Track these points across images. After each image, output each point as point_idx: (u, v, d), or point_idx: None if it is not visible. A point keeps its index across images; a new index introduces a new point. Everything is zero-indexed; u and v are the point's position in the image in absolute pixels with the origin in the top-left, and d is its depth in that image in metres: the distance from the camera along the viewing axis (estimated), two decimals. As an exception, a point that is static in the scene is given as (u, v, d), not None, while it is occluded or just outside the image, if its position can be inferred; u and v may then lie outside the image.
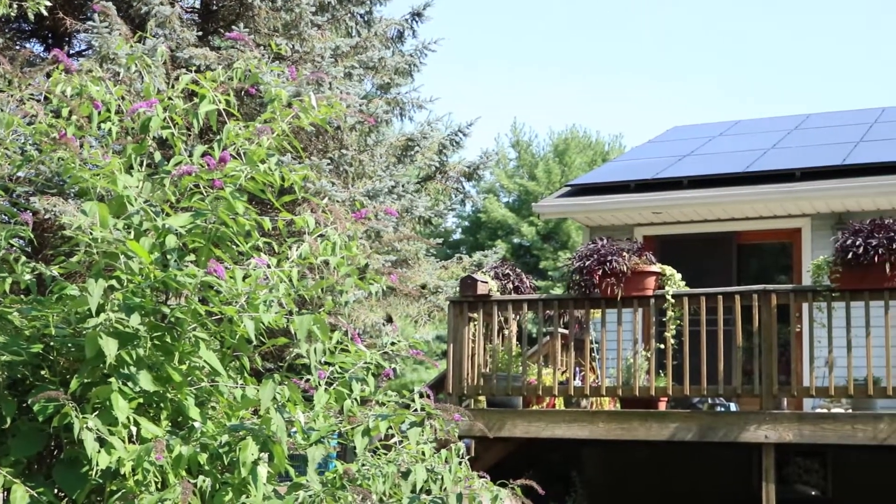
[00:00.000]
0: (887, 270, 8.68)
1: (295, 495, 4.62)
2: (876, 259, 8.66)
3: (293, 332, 4.54)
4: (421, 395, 5.29)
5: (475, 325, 10.31)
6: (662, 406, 9.81)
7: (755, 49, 62.26)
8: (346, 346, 5.08)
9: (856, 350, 9.02)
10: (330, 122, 5.18)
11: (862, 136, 14.54)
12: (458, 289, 10.51)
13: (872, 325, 8.90)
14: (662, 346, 9.70)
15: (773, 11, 60.42)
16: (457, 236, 41.27)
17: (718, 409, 9.99)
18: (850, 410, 9.35)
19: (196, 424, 4.44)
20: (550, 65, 64.53)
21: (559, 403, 10.57)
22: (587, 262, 9.68)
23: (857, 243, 8.74)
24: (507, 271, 10.71)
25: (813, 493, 11.94)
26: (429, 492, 5.22)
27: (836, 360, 9.25)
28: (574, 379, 10.07)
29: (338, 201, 14.23)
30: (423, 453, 5.33)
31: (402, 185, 16.74)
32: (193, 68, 11.23)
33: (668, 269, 9.76)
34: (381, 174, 16.68)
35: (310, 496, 4.69)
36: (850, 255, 8.76)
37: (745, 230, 13.48)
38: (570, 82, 63.64)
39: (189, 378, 4.54)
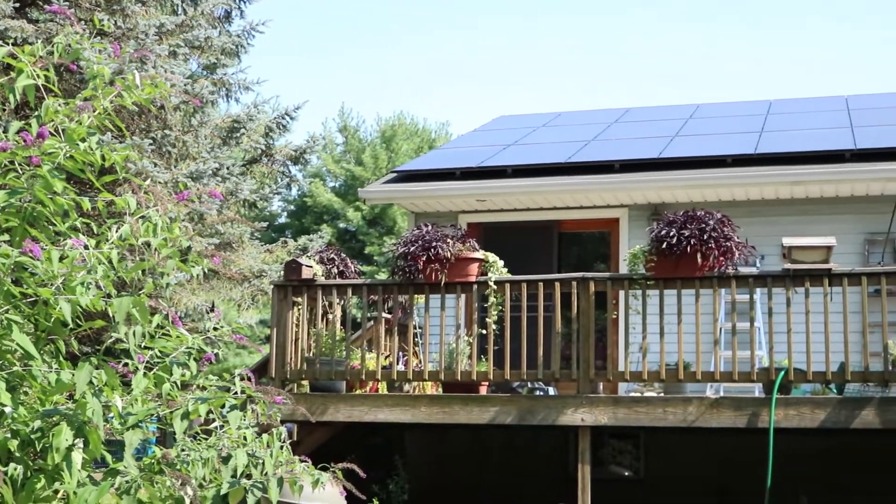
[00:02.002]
0: (699, 260, 9.00)
1: (111, 481, 4.54)
2: (688, 249, 8.97)
3: (112, 315, 4.46)
4: (242, 378, 5.27)
5: (299, 310, 10.27)
6: (484, 390, 9.96)
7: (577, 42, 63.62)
8: (167, 329, 5.02)
9: (668, 336, 9.33)
10: (154, 101, 5.09)
11: (678, 131, 15.05)
12: (282, 273, 10.45)
13: (684, 313, 9.23)
14: (484, 332, 9.84)
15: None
16: (282, 220, 40.91)
17: (538, 393, 10.20)
18: (662, 394, 9.69)
19: (7, 409, 4.32)
20: (379, 51, 64.56)
21: (382, 388, 10.63)
22: (412, 248, 9.74)
23: (672, 234, 9.04)
24: (333, 256, 10.70)
25: (626, 473, 12.34)
26: (249, 476, 5.20)
27: (650, 345, 9.56)
28: (397, 363, 10.13)
29: (160, 182, 13.95)
30: (245, 438, 5.31)
31: (227, 168, 16.51)
32: (10, 41, 10.84)
33: (491, 256, 9.91)
34: (205, 156, 16.42)
35: (127, 482, 4.61)
36: (664, 245, 9.06)
37: (566, 219, 13.79)
38: (399, 69, 63.81)
39: (0, 362, 4.40)
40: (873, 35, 58.51)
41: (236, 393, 5.18)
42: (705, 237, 8.98)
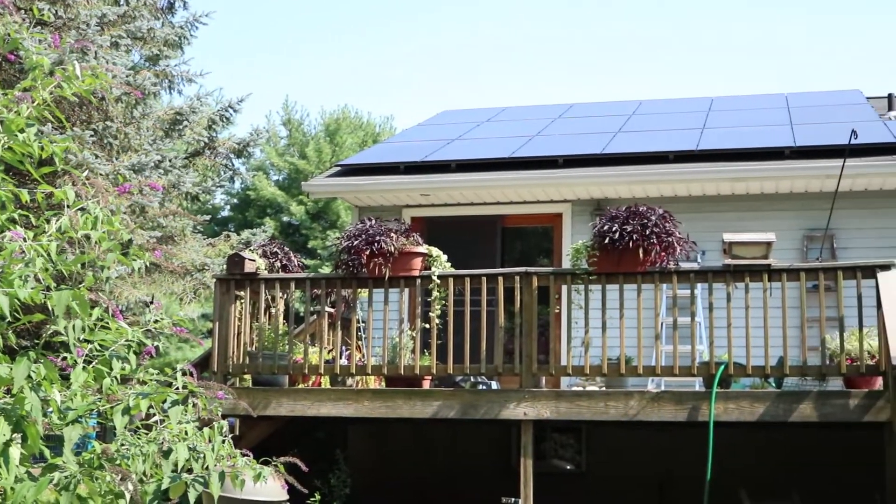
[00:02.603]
0: (641, 255, 9.07)
1: (50, 477, 4.49)
2: (631, 244, 9.03)
3: (51, 309, 4.41)
4: (184, 373, 5.23)
5: (242, 304, 10.22)
6: (427, 384, 9.97)
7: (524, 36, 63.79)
8: (108, 323, 4.97)
9: (610, 331, 9.39)
10: (95, 92, 5.04)
11: (620, 127, 15.15)
12: (225, 266, 10.38)
13: (626, 308, 9.29)
14: (428, 326, 9.85)
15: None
16: (225, 213, 40.64)
17: (481, 387, 10.24)
18: (604, 388, 9.74)
19: (-57, 404, 4.26)
20: (324, 43, 64.31)
21: (325, 382, 10.60)
22: (355, 242, 9.72)
23: (614, 229, 9.09)
24: (276, 249, 10.65)
25: (568, 467, 12.42)
26: (190, 471, 5.17)
27: (592, 340, 9.62)
28: (340, 358, 10.10)
29: (101, 174, 13.80)
30: (186, 432, 5.27)
31: (170, 160, 16.38)
32: (-53, 30, 10.66)
33: (435, 251, 9.92)
34: (147, 148, 16.28)
35: (66, 477, 4.57)
36: (606, 240, 9.11)
37: (510, 214, 13.83)
38: (343, 62, 63.61)
39: (-65, 356, 4.34)
40: (813, 33, 59.30)
41: (178, 388, 5.14)
42: (647, 233, 9.05)
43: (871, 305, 8.91)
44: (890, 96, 15.85)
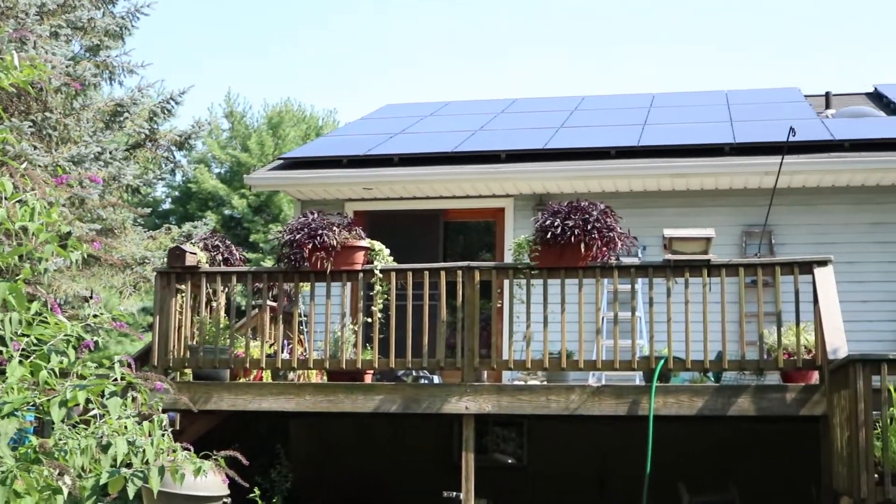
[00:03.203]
0: (582, 250, 9.13)
1: (-15, 471, 4.43)
2: (572, 239, 9.08)
3: (-13, 301, 4.35)
4: (122, 365, 5.18)
5: (183, 297, 10.15)
6: (369, 378, 9.96)
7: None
8: (46, 316, 4.91)
9: (552, 325, 9.44)
10: (33, 83, 4.97)
11: (563, 122, 15.22)
12: (165, 259, 10.30)
13: (567, 302, 9.34)
14: (370, 320, 9.84)
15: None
16: (166, 206, 40.27)
17: (423, 381, 10.25)
18: (546, 382, 9.79)
19: None
20: (267, 36, 63.94)
21: (267, 376, 10.56)
22: (297, 236, 9.69)
23: (556, 224, 9.14)
24: (217, 243, 10.59)
25: (510, 460, 12.47)
26: (130, 465, 5.13)
27: (534, 334, 9.66)
28: (282, 352, 10.07)
29: (40, 166, 13.63)
30: (126, 427, 5.23)
31: (110, 152, 16.21)
32: None
33: (377, 245, 9.91)
34: (87, 139, 16.10)
35: (2, 472, 4.51)
36: (548, 235, 9.15)
37: (453, 208, 13.85)
38: (286, 55, 63.29)
39: None
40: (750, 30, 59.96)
41: (116, 379, 5.09)
42: (589, 227, 9.11)
43: (808, 301, 9.03)
44: (827, 94, 16.09)
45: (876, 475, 6.97)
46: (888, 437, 7.03)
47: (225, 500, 8.04)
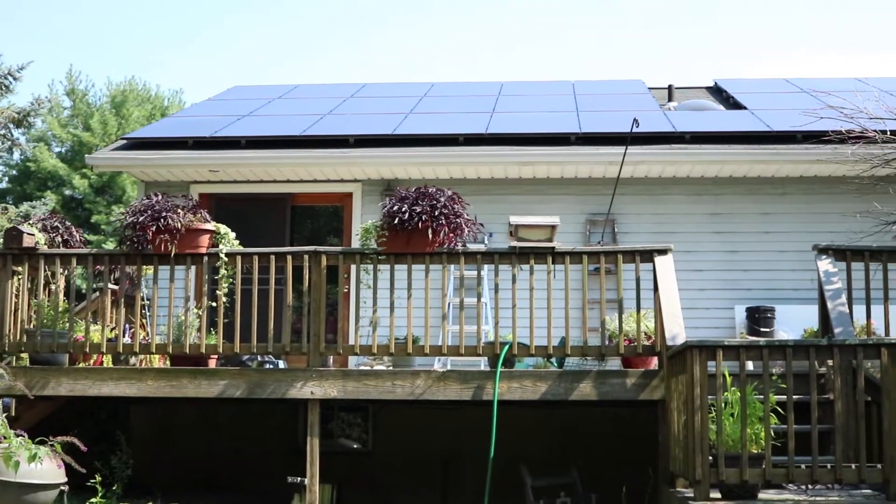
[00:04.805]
0: (430, 236, 9.17)
1: None
2: (420, 225, 9.12)
3: None
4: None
5: (20, 279, 9.85)
6: (213, 364, 9.83)
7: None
8: None
9: (398, 311, 9.47)
10: None
11: (412, 108, 15.28)
12: (1, 240, 9.97)
13: (414, 288, 9.39)
14: (215, 304, 9.72)
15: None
16: (3, 185, 38.94)
17: (268, 366, 10.16)
18: (392, 368, 9.83)
19: None
20: (110, 11, 62.29)
21: (107, 361, 10.32)
22: (141, 218, 9.50)
23: (404, 209, 9.17)
24: (57, 224, 10.31)
25: (355, 445, 12.48)
26: (-40, 453, 4.96)
27: (381, 319, 9.68)
28: (124, 336, 9.86)
29: None
30: (-44, 413, 5.06)
31: (-58, 128, 15.60)
32: None
33: (223, 228, 9.79)
34: (-83, 114, 15.45)
35: None
36: (396, 221, 9.18)
37: (300, 192, 13.76)
38: (133, 34, 61.78)
39: None
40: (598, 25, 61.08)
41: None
42: (436, 213, 9.16)
43: (648, 288, 9.27)
44: (670, 87, 16.52)
45: (710, 457, 7.20)
46: (722, 420, 7.27)
47: (62, 487, 7.83)
